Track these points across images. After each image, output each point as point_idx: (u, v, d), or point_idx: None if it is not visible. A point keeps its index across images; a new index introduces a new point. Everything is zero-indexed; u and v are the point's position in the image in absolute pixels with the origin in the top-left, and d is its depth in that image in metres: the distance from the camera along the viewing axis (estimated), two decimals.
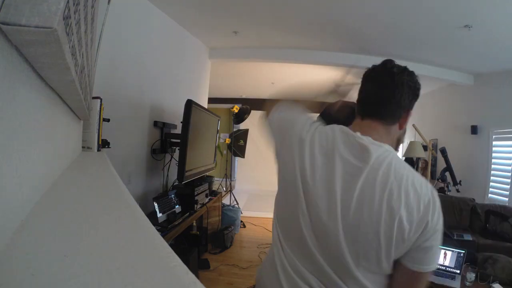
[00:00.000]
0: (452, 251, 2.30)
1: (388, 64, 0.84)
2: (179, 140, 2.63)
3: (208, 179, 3.49)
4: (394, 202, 0.68)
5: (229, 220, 4.15)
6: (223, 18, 3.12)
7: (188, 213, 2.60)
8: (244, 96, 7.58)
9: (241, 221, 4.54)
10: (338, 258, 0.73)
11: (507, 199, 3.88)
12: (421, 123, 5.11)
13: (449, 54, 3.71)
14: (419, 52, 3.75)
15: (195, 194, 2.77)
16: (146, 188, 2.71)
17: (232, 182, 6.17)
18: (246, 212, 5.03)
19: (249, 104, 5.88)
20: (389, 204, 0.69)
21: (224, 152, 6.48)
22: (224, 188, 5.96)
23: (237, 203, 5.09)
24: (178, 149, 2.60)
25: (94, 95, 1.31)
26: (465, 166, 4.57)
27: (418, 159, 5.21)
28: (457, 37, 3.10)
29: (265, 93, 7.28)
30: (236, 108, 5.34)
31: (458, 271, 2.20)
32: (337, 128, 0.83)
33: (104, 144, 1.62)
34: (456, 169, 4.39)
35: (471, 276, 2.09)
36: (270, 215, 0.89)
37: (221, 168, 6.05)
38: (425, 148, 4.60)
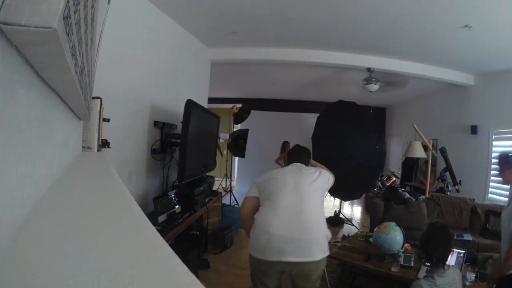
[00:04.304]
0: (452, 251, 2.30)
1: None
2: (179, 140, 2.63)
3: (208, 179, 3.49)
4: None
5: (229, 220, 4.15)
6: (223, 18, 3.12)
7: (188, 213, 2.60)
8: (244, 96, 7.58)
9: None
10: None
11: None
12: (421, 123, 5.11)
13: (449, 54, 3.71)
14: (419, 52, 3.75)
15: (195, 194, 2.77)
16: (146, 188, 2.71)
17: (232, 182, 6.16)
18: None
19: (249, 104, 5.88)
20: None
21: (224, 152, 6.48)
22: (224, 188, 5.96)
23: (237, 203, 5.09)
24: (178, 149, 2.60)
25: (94, 95, 1.31)
26: (465, 166, 4.56)
27: (418, 159, 5.21)
28: (457, 37, 3.10)
29: (265, 93, 7.29)
30: (236, 108, 5.33)
31: None
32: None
33: (104, 144, 1.63)
34: (456, 169, 4.39)
35: (471, 276, 2.09)
36: None
37: (221, 168, 6.05)
38: (425, 148, 4.60)
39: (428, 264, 2.28)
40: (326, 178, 1.96)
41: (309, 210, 1.75)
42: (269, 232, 1.67)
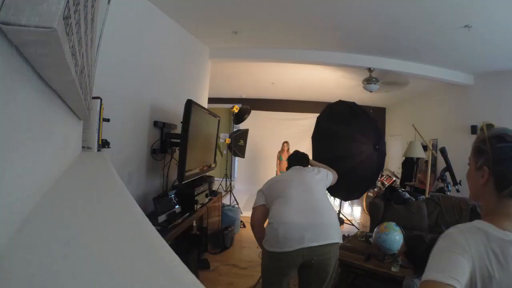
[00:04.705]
0: None
1: None
2: (179, 140, 2.63)
3: (208, 179, 3.49)
4: None
5: (229, 220, 4.15)
6: (223, 18, 3.12)
7: (188, 213, 2.60)
8: (244, 96, 7.58)
9: (241, 221, 4.54)
10: None
11: None
12: (421, 123, 5.11)
13: (449, 54, 3.71)
14: (419, 52, 3.75)
15: (195, 194, 2.77)
16: (146, 188, 2.71)
17: (232, 182, 6.16)
18: (246, 212, 5.03)
19: (249, 104, 5.88)
20: None
21: (224, 152, 6.48)
22: (224, 188, 5.96)
23: (237, 203, 5.09)
24: (178, 149, 2.60)
25: (94, 95, 1.31)
26: (465, 166, 4.52)
27: (418, 159, 5.21)
28: (457, 37, 3.10)
29: (265, 93, 7.29)
30: (236, 108, 5.33)
31: None
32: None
33: (104, 144, 1.62)
34: (456, 169, 4.38)
35: None
36: None
37: (221, 168, 6.05)
38: (425, 148, 4.60)
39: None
40: (325, 174, 2.07)
41: (319, 199, 1.85)
42: (287, 223, 1.72)
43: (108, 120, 1.66)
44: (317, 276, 1.77)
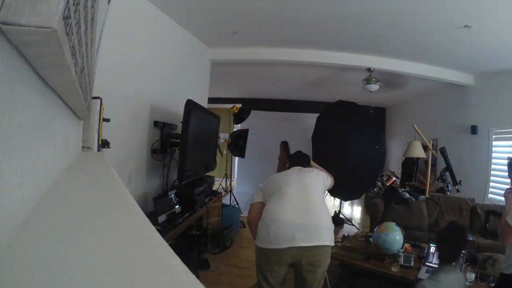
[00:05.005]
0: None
1: None
2: (179, 140, 2.63)
3: (208, 179, 3.49)
4: None
5: (229, 220, 4.15)
6: (223, 18, 3.12)
7: (188, 213, 2.60)
8: (244, 96, 7.57)
9: (241, 221, 4.54)
10: None
11: None
12: (421, 123, 5.10)
13: (449, 54, 3.71)
14: (419, 52, 3.74)
15: (195, 194, 2.77)
16: (146, 188, 2.71)
17: (232, 182, 6.16)
18: (246, 212, 5.03)
19: (249, 104, 5.88)
20: None
21: (224, 152, 6.47)
22: (224, 188, 5.96)
23: (237, 203, 5.09)
24: (178, 149, 2.60)
25: (94, 95, 1.31)
26: (465, 166, 4.56)
27: (418, 159, 5.21)
28: (457, 37, 3.10)
29: (265, 93, 7.28)
30: (236, 108, 5.33)
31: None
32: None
33: (104, 144, 1.62)
34: (456, 169, 4.39)
35: (471, 276, 2.09)
36: None
37: (221, 168, 6.05)
38: (425, 148, 4.60)
39: (429, 264, 2.28)
40: (325, 176, 2.08)
41: (315, 200, 1.86)
42: (279, 220, 1.74)
43: (108, 120, 1.66)
44: (306, 277, 1.77)
